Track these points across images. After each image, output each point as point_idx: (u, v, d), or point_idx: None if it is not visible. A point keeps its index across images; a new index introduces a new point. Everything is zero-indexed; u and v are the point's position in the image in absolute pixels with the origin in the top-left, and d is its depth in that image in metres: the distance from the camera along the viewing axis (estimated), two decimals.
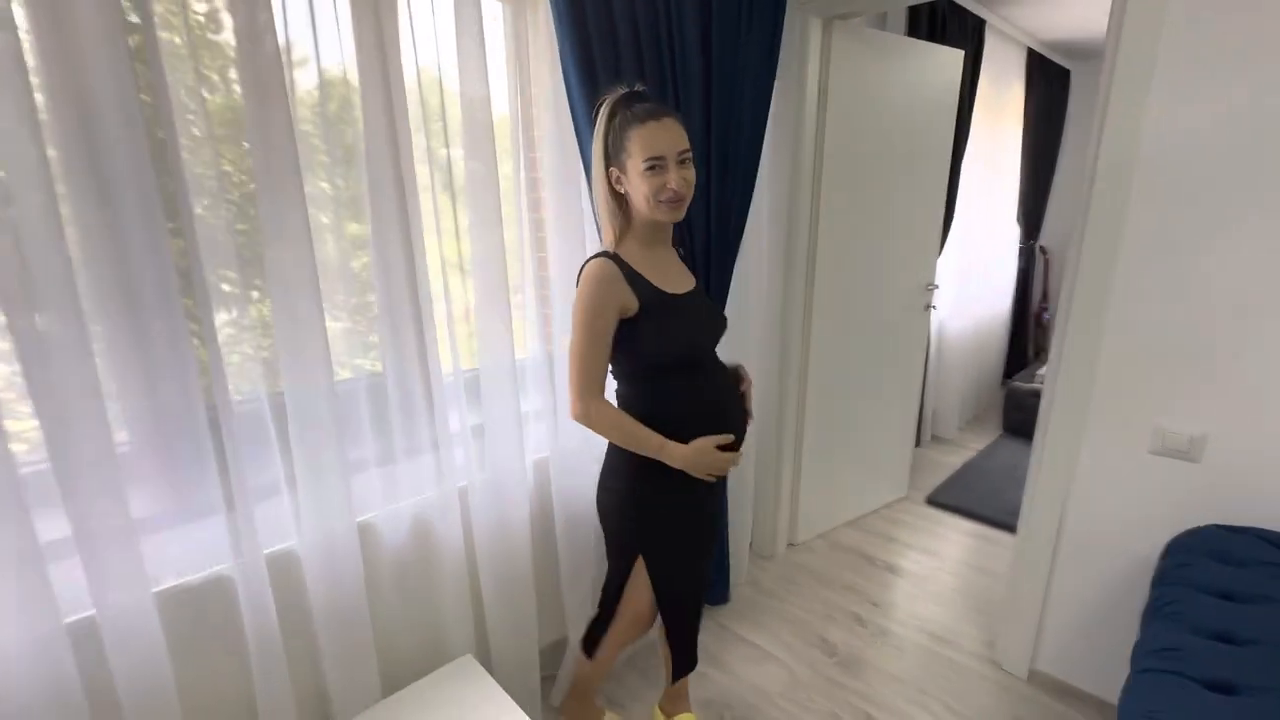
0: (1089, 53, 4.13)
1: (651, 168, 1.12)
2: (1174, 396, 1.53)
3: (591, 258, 1.22)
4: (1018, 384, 3.77)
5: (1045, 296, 4.73)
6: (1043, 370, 3.69)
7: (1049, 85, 4.10)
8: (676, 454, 1.21)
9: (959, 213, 3.24)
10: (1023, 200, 4.14)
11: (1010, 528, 2.75)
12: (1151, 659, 1.07)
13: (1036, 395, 3.63)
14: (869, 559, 2.56)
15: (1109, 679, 1.74)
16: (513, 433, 1.50)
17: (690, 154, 1.16)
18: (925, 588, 2.35)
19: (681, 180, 1.14)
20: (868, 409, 2.72)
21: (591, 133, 1.21)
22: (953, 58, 2.56)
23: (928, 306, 2.83)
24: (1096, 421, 1.66)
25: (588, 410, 1.20)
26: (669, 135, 1.12)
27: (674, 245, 1.36)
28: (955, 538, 2.70)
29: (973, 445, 3.67)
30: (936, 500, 3.00)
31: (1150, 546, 1.59)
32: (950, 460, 3.46)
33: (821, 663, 1.98)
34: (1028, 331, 4.65)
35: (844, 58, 2.18)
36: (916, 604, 2.26)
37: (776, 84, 1.87)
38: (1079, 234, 1.62)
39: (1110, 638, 1.72)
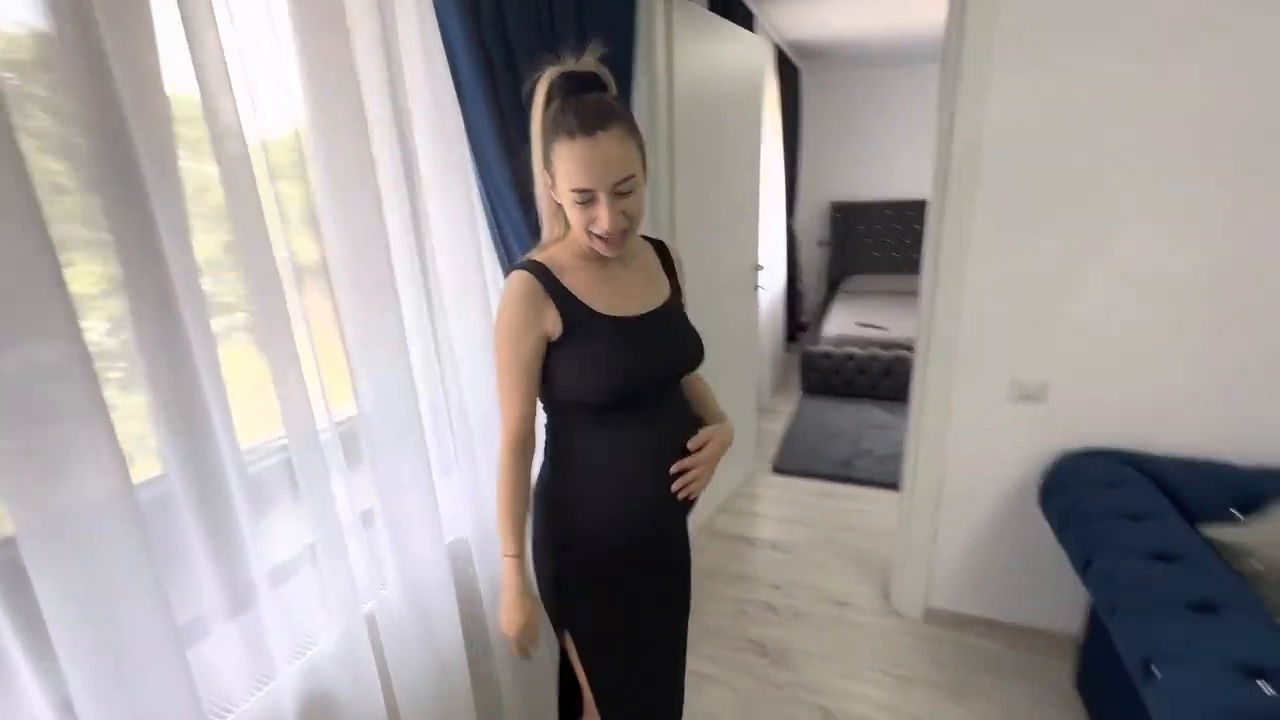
0: (816, 53, 4.74)
1: (580, 199, 0.90)
2: (1022, 353, 1.77)
3: (514, 266, 0.99)
4: (809, 349, 4.22)
5: (797, 271, 5.41)
6: (828, 333, 4.20)
7: (788, 81, 4.61)
8: (505, 585, 1.00)
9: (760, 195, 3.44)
10: (786, 185, 4.63)
11: (843, 479, 3.07)
12: (1120, 595, 1.17)
13: (827, 357, 4.13)
14: (749, 541, 2.59)
15: (995, 599, 2.00)
16: (427, 510, 1.08)
17: (633, 180, 0.90)
18: (809, 556, 2.46)
19: (617, 216, 0.90)
20: (719, 390, 2.74)
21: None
22: (759, 43, 2.65)
23: (757, 287, 2.95)
24: (963, 381, 1.85)
25: (498, 455, 1.00)
26: (603, 160, 0.87)
27: (658, 245, 1.13)
28: (808, 500, 2.90)
29: (784, 409, 4.02)
30: (782, 468, 3.19)
31: (1017, 476, 1.85)
32: (774, 427, 3.73)
33: (757, 666, 1.92)
34: (795, 302, 5.27)
35: (683, 35, 2.07)
36: (808, 574, 2.35)
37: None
38: (938, 218, 1.77)
39: (991, 562, 1.97)
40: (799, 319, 5.30)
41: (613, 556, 1.03)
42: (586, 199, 0.89)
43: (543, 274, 0.96)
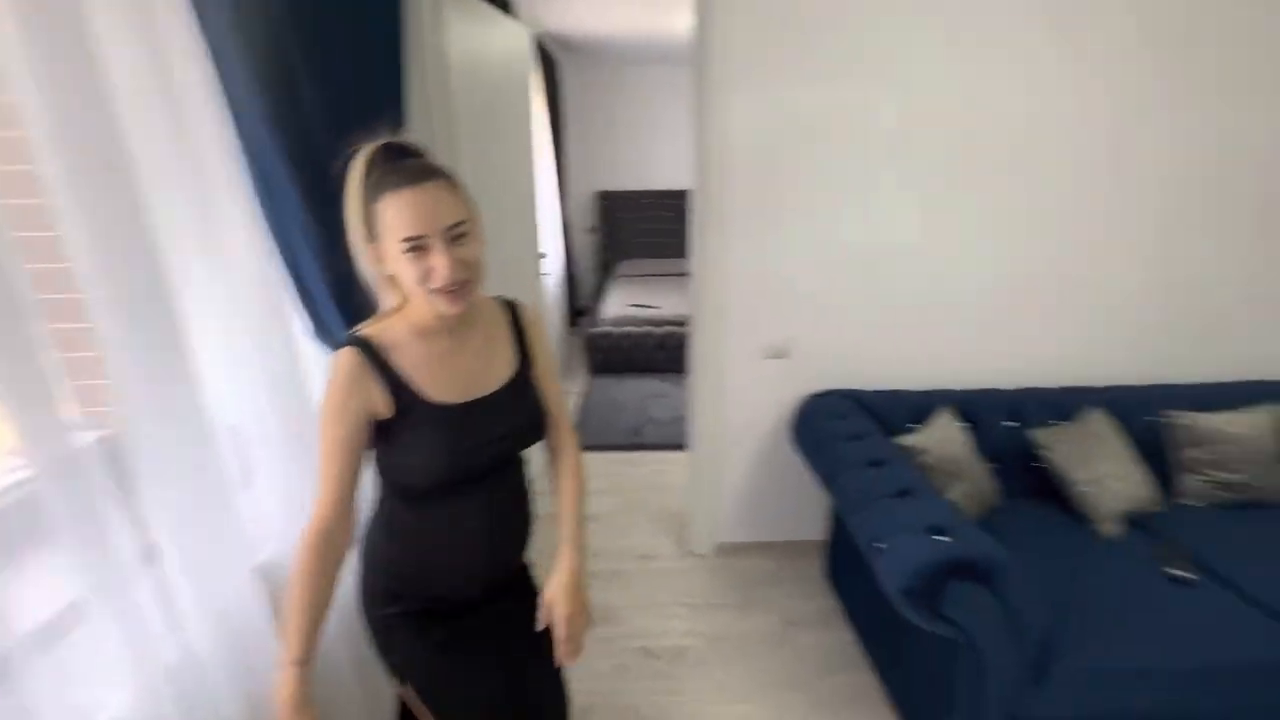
0: (574, 47, 4.93)
1: (412, 249, 0.86)
2: (771, 319, 2.15)
3: (342, 343, 0.94)
4: (591, 330, 4.46)
5: (573, 258, 5.65)
6: (606, 315, 4.47)
7: (549, 72, 4.74)
8: (279, 700, 0.88)
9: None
10: (556, 175, 4.77)
11: (635, 447, 3.36)
12: (852, 496, 1.55)
13: (607, 337, 4.40)
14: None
15: (767, 525, 2.41)
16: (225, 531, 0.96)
17: (467, 226, 0.90)
18: (617, 521, 2.67)
19: (455, 264, 0.88)
20: None
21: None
22: (521, 31, 2.69)
23: (541, 274, 3.03)
24: (729, 345, 2.18)
25: (300, 542, 0.90)
26: (433, 204, 0.86)
27: (510, 308, 1.11)
28: (610, 470, 3.11)
29: (574, 390, 4.20)
30: (582, 445, 3.35)
31: (775, 420, 2.25)
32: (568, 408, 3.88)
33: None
34: (574, 287, 5.49)
35: (453, 21, 2.03)
36: (620, 540, 2.55)
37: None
38: (701, 206, 2.05)
39: (762, 495, 2.37)
40: (578, 304, 5.53)
41: (448, 610, 1.03)
42: (418, 247, 0.86)
43: (370, 352, 0.93)
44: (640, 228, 5.90)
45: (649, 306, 4.59)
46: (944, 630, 1.28)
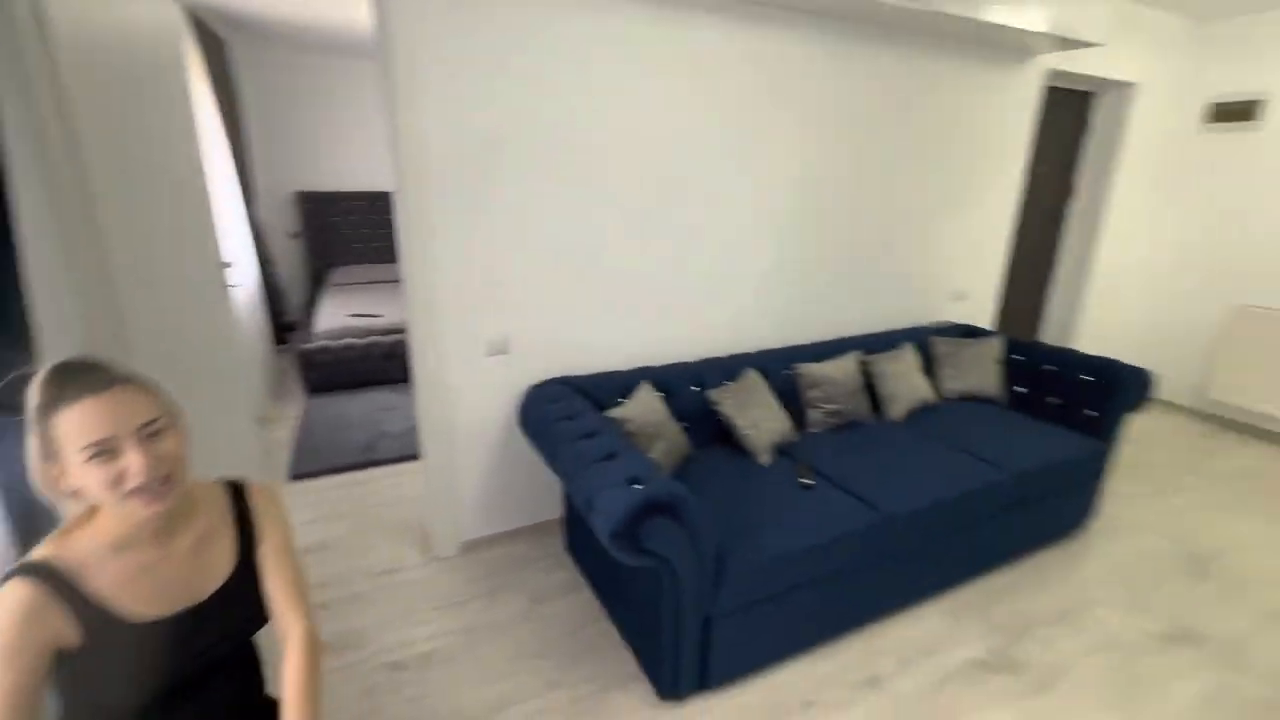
0: (246, 26, 4.33)
1: (98, 454, 0.82)
2: (487, 317, 2.25)
3: (11, 572, 0.84)
4: (305, 346, 4.02)
5: (271, 267, 4.99)
6: (323, 328, 4.07)
7: (214, 53, 4.10)
8: None
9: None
10: (238, 172, 4.15)
11: (367, 465, 3.17)
12: (569, 467, 1.75)
13: (325, 351, 4.02)
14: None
15: (508, 514, 2.52)
16: None
17: (163, 423, 0.87)
18: (352, 544, 2.51)
19: (151, 460, 0.85)
20: (204, 410, 2.42)
21: None
22: (166, 2, 2.32)
23: (227, 286, 2.66)
24: (448, 346, 2.22)
25: None
26: (116, 408, 0.83)
27: (230, 489, 1.06)
28: (337, 494, 2.89)
29: (288, 415, 3.76)
30: (300, 473, 3.04)
31: (504, 413, 2.36)
32: (281, 435, 3.47)
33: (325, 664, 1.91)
34: (277, 300, 4.85)
35: None
36: (354, 559, 2.40)
37: None
38: (403, 209, 2.04)
39: (500, 487, 2.47)
40: (284, 319, 4.90)
41: None
42: (106, 451, 0.82)
43: (54, 579, 0.84)
44: (350, 232, 5.48)
45: (371, 316, 4.31)
46: (647, 562, 1.55)
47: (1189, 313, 3.96)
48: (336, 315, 4.31)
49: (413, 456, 3.21)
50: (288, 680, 0.99)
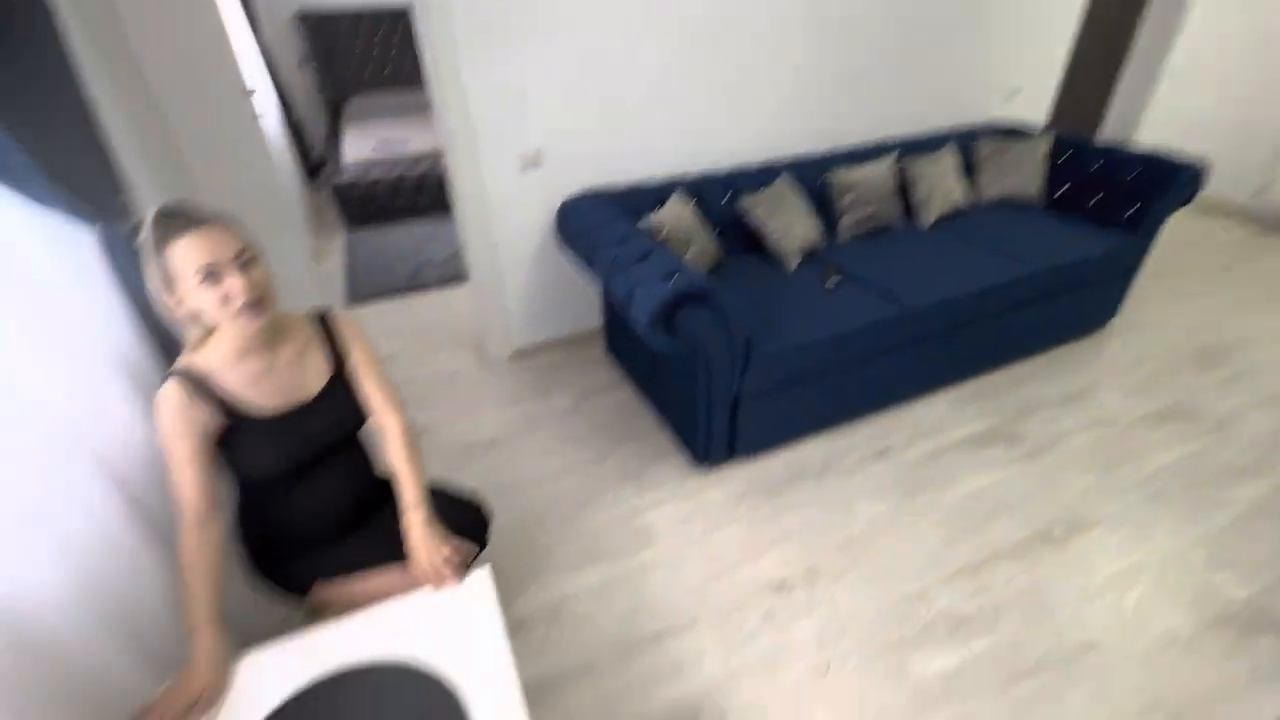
0: None
1: (205, 279, 1.01)
2: (520, 131, 2.25)
3: (166, 375, 1.10)
4: (338, 182, 4.06)
5: (289, 100, 4.85)
6: (350, 161, 4.08)
7: None
8: (194, 642, 1.02)
9: None
10: None
11: (417, 289, 3.37)
12: (608, 268, 1.87)
13: (355, 186, 4.07)
14: None
15: (551, 324, 2.73)
16: None
17: (250, 254, 1.06)
18: (415, 356, 2.78)
19: (248, 284, 1.04)
20: (268, 252, 2.58)
21: None
22: None
23: (255, 116, 2.67)
24: (486, 165, 2.26)
25: (180, 533, 1.10)
26: (216, 238, 1.02)
27: (318, 320, 1.27)
28: (395, 313, 3.13)
29: (333, 249, 3.92)
30: (357, 297, 3.28)
31: (542, 226, 2.46)
32: (330, 267, 3.67)
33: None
34: (300, 137, 4.79)
35: None
36: (419, 369, 2.69)
37: None
38: (425, 26, 1.96)
39: (543, 299, 2.65)
40: (311, 155, 4.89)
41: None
42: (212, 275, 1.01)
43: (192, 382, 1.09)
44: (363, 55, 5.19)
45: (397, 144, 4.27)
46: (681, 348, 1.73)
47: (1270, 108, 3.62)
48: (362, 146, 4.27)
49: (457, 280, 3.40)
50: (394, 460, 1.27)
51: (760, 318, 2.00)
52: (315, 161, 4.87)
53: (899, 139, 2.83)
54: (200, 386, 1.10)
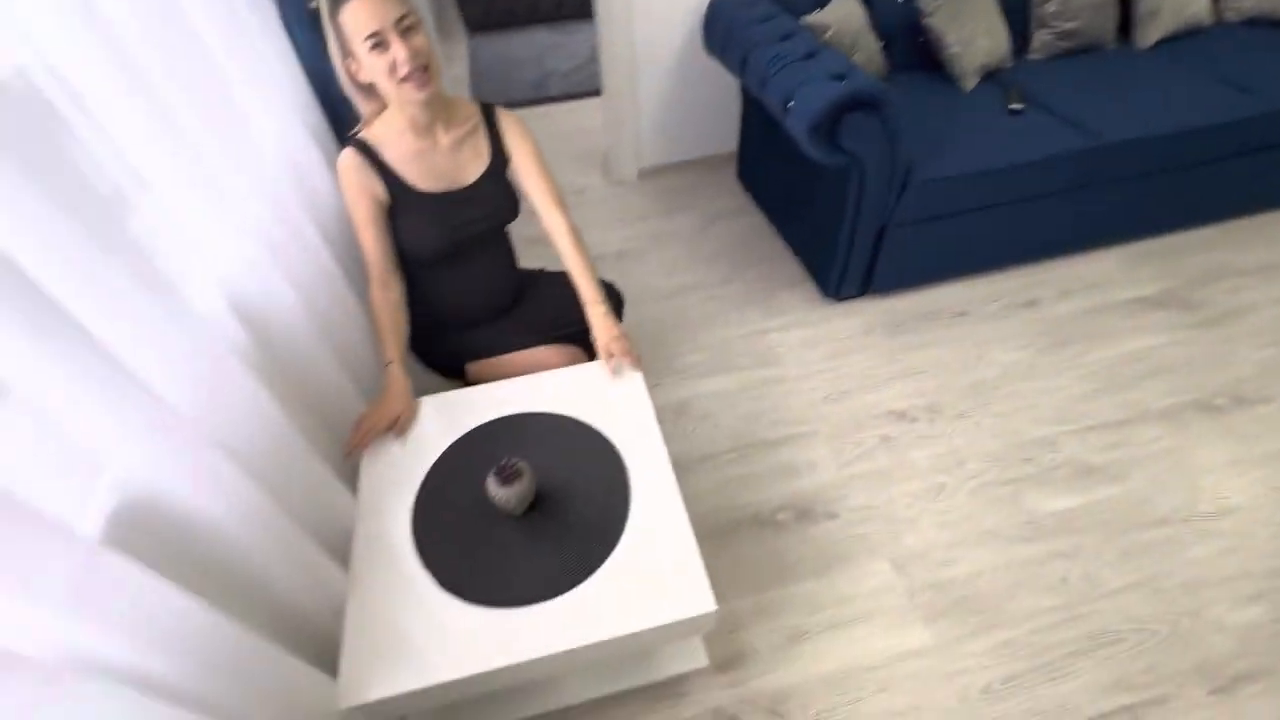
0: None
1: (374, 46, 1.05)
2: None
3: (343, 143, 1.19)
4: None
5: None
6: None
7: None
8: (384, 376, 1.22)
9: None
10: None
11: (542, 100, 3.28)
12: (766, 69, 1.72)
13: None
14: None
15: (683, 145, 2.62)
16: None
17: (412, 19, 1.06)
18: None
19: (411, 51, 1.05)
20: None
21: None
22: None
23: None
24: None
25: (369, 283, 1.24)
26: (378, 5, 1.03)
27: (484, 110, 1.28)
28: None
29: (456, 53, 3.82)
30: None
31: (684, 31, 2.26)
32: (456, 73, 3.60)
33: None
34: None
35: None
36: None
37: None
38: None
39: (676, 117, 2.51)
40: None
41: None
42: (379, 42, 1.04)
43: (365, 150, 1.17)
44: None
45: None
46: (839, 160, 1.62)
47: None
48: None
49: (580, 94, 3.26)
50: (567, 255, 1.33)
51: (924, 140, 1.81)
52: None
53: None
54: (371, 156, 1.16)
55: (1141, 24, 2.20)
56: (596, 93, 3.24)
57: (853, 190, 1.71)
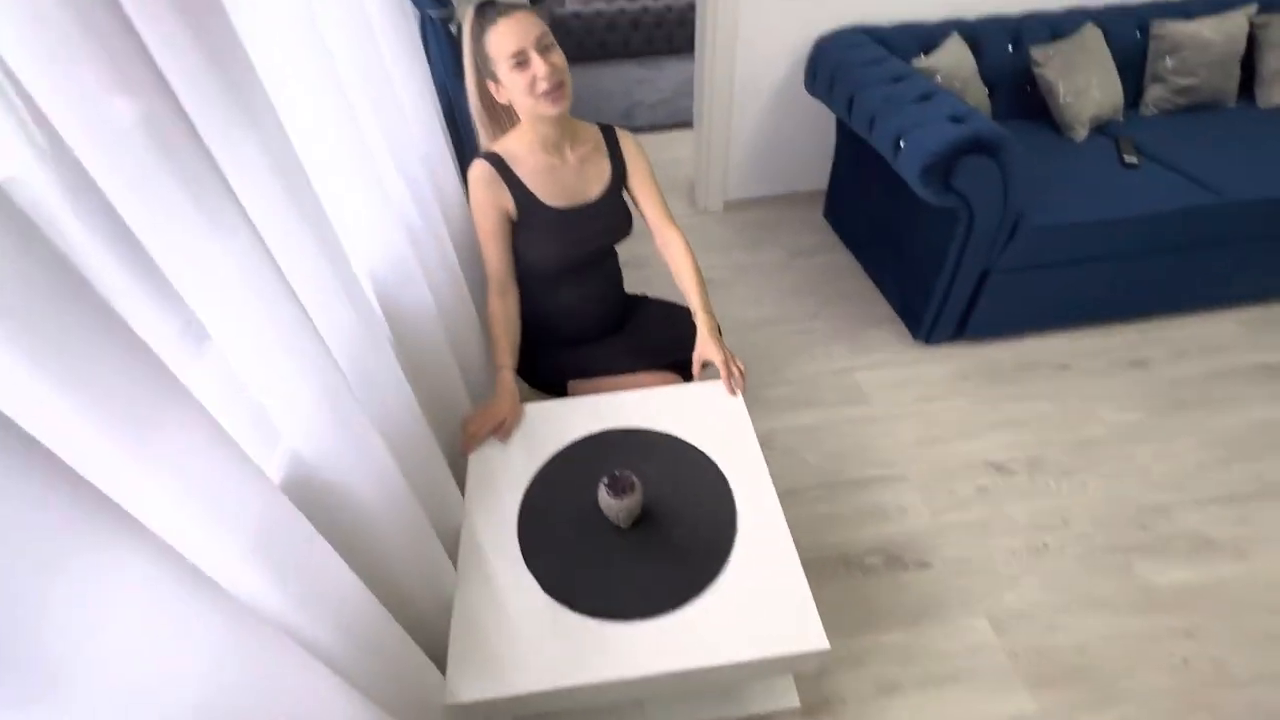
0: None
1: (516, 64, 1.10)
2: None
3: (477, 156, 1.22)
4: (557, 11, 4.04)
5: None
6: None
7: None
8: (497, 378, 1.24)
9: None
10: None
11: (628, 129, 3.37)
12: (877, 108, 1.72)
13: (578, 18, 4.03)
14: None
15: (771, 179, 2.64)
16: None
17: (549, 38, 1.12)
18: None
19: (550, 67, 1.11)
20: None
21: None
22: None
23: None
24: None
25: (489, 292, 1.28)
26: (524, 24, 1.10)
27: (607, 133, 1.32)
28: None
29: None
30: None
31: (786, 68, 2.31)
32: None
33: None
34: None
35: None
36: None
37: None
38: None
39: (767, 151, 2.55)
40: None
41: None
42: (521, 60, 1.09)
43: (498, 163, 1.20)
44: None
45: None
46: (950, 201, 1.60)
47: None
48: None
49: (665, 126, 3.36)
50: (681, 270, 1.36)
51: (1035, 188, 1.76)
52: None
53: None
54: (503, 168, 1.20)
55: (1266, 84, 2.12)
56: (679, 125, 3.33)
57: (960, 233, 1.68)
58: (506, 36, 1.09)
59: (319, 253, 0.70)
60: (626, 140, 1.35)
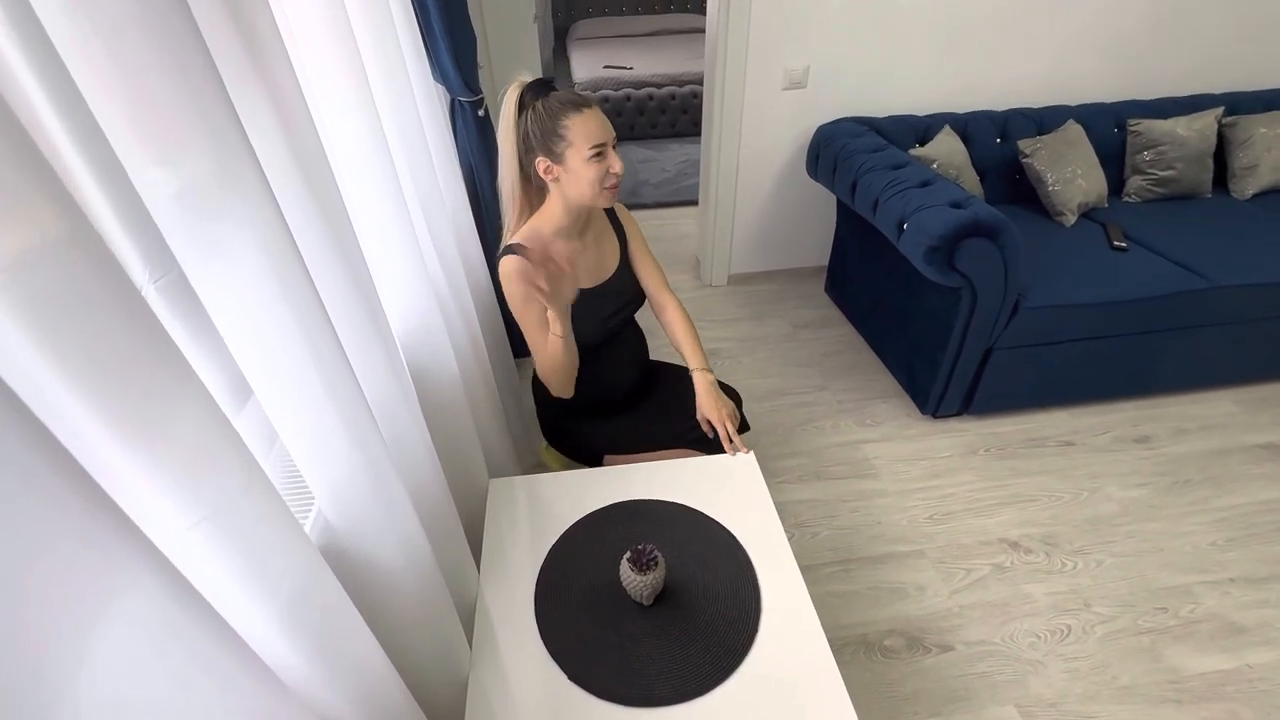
0: None
1: (596, 155, 1.11)
2: (790, 47, 2.21)
3: (500, 254, 1.20)
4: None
5: None
6: (578, 79, 4.26)
7: None
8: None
9: None
10: None
11: (633, 208, 3.51)
12: (880, 192, 1.81)
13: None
14: None
15: (775, 255, 2.73)
16: None
17: (614, 138, 1.15)
18: None
19: (621, 165, 1.15)
20: None
21: None
22: None
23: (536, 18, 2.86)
24: (752, 76, 2.26)
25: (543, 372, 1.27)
26: (605, 122, 1.12)
27: (609, 212, 1.35)
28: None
29: None
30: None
31: (789, 152, 2.44)
32: None
33: None
34: None
35: None
36: None
37: None
38: None
39: (771, 229, 2.64)
40: (542, 76, 5.19)
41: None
42: (600, 153, 1.11)
43: (524, 253, 1.16)
44: None
45: (624, 68, 4.39)
46: (953, 281, 1.65)
47: None
48: (591, 66, 4.45)
49: (671, 204, 3.49)
50: (678, 330, 1.40)
51: (1032, 270, 1.83)
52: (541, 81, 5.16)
53: (1223, 94, 2.39)
54: (529, 258, 1.18)
55: (1238, 178, 2.26)
56: (684, 203, 3.47)
57: (963, 311, 1.73)
58: (596, 126, 1.10)
59: (365, 318, 0.71)
60: (622, 212, 1.39)
